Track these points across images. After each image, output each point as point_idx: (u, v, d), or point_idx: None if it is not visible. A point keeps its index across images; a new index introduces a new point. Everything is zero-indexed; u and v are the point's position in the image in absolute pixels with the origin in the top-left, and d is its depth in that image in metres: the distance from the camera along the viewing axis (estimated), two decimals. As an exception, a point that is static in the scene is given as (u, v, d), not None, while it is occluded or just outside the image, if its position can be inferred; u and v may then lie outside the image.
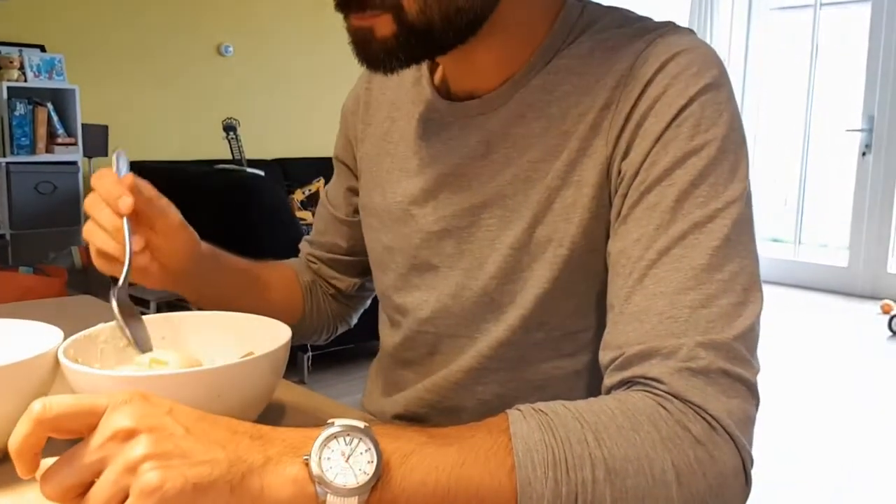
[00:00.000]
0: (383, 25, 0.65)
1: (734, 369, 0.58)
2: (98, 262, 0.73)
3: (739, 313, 0.60)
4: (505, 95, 0.73)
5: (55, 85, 3.87)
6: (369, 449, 0.48)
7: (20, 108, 3.71)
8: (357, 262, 0.97)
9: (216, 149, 4.46)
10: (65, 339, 0.64)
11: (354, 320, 1.04)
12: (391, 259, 0.83)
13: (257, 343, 0.66)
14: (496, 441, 0.52)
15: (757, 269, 0.64)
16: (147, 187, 0.74)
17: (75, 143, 3.90)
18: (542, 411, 0.54)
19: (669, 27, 0.70)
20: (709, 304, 0.59)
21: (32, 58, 3.82)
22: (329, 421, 0.49)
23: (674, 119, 0.64)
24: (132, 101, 4.39)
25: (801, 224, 5.36)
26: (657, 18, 0.71)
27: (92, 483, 0.45)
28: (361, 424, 0.49)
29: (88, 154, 4.00)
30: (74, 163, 3.90)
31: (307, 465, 0.47)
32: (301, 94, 4.99)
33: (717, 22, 5.03)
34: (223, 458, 0.46)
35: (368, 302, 1.04)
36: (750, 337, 0.61)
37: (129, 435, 0.45)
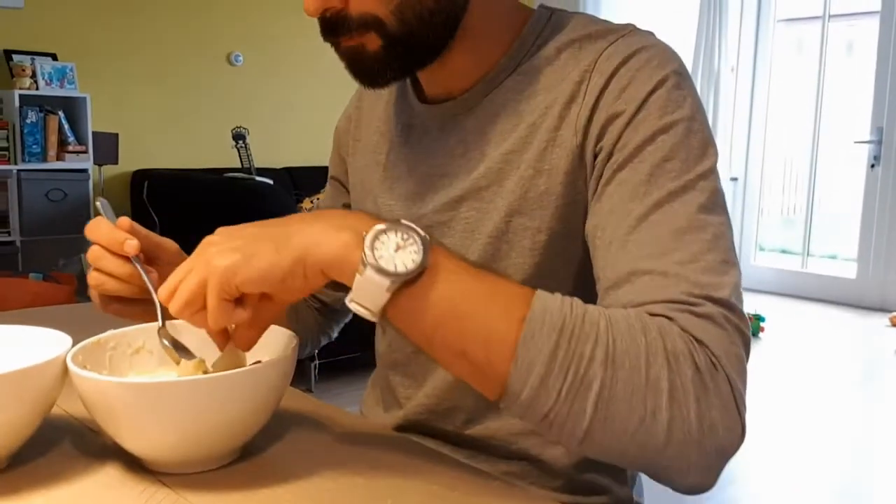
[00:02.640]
0: (371, 42, 0.70)
1: (733, 318, 0.59)
2: (112, 309, 0.74)
3: (726, 271, 0.61)
4: (478, 95, 0.77)
5: (66, 93, 3.90)
6: (419, 251, 0.56)
7: (32, 116, 3.74)
8: None
9: (225, 157, 4.48)
10: (74, 345, 0.64)
11: (336, 333, 1.05)
12: None
13: (265, 351, 0.66)
14: (522, 292, 0.58)
15: (733, 242, 0.65)
16: (139, 226, 0.75)
17: (86, 151, 3.92)
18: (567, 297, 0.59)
19: (631, 29, 0.73)
20: (696, 260, 0.61)
21: (44, 66, 3.85)
22: (397, 219, 0.58)
23: (643, 102, 0.67)
24: (142, 110, 4.41)
25: (810, 235, 5.34)
26: (666, 30, 0.73)
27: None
28: (422, 232, 0.57)
29: (99, 162, 4.02)
30: (85, 170, 3.92)
31: (363, 238, 0.56)
32: (310, 102, 5.01)
33: (725, 33, 5.02)
34: (278, 231, 0.59)
35: (351, 315, 1.05)
36: (739, 293, 0.62)
37: (207, 244, 0.59)
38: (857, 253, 4.90)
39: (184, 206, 3.85)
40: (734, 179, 5.32)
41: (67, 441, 0.67)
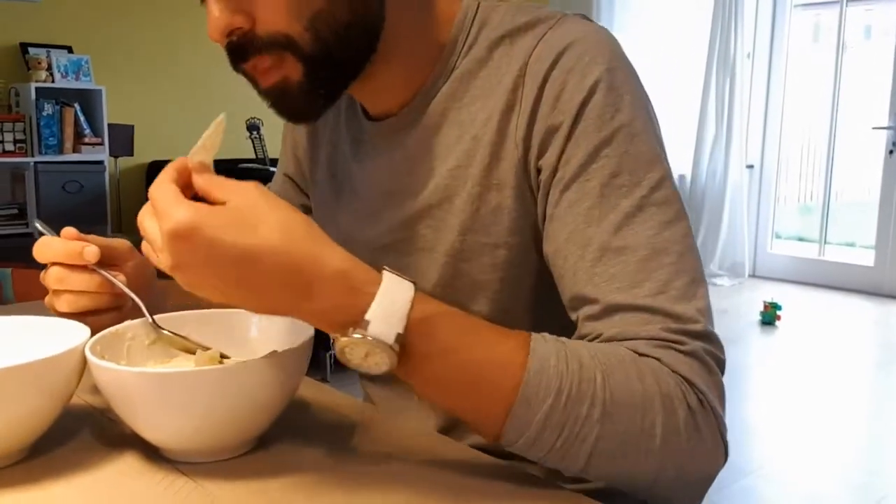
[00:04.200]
0: (290, 69, 0.66)
1: (711, 349, 0.61)
2: (88, 321, 0.68)
3: (695, 293, 0.62)
4: (419, 108, 0.74)
5: (82, 86, 3.92)
6: (385, 361, 0.54)
7: (48, 109, 3.76)
8: None
9: (240, 148, 4.48)
10: (91, 335, 0.65)
11: None
12: None
13: (280, 341, 0.66)
14: (515, 355, 0.56)
15: (695, 244, 0.65)
16: (84, 235, 0.72)
17: (101, 143, 3.95)
18: (562, 341, 0.58)
19: (559, 18, 0.70)
20: (666, 290, 0.61)
21: (60, 59, 3.87)
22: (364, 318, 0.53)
23: (578, 113, 0.65)
24: (157, 101, 4.43)
25: (827, 223, 5.30)
26: (682, 17, 0.71)
27: None
28: (390, 340, 0.53)
29: (114, 154, 4.05)
30: (101, 162, 3.95)
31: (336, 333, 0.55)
32: (324, 93, 5.01)
33: (741, 19, 4.97)
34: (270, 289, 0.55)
35: None
36: (709, 312, 0.63)
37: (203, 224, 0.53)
38: (874, 240, 4.86)
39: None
40: (750, 167, 5.28)
41: (87, 430, 0.68)
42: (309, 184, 0.90)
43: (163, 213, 0.53)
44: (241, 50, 0.66)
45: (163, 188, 0.55)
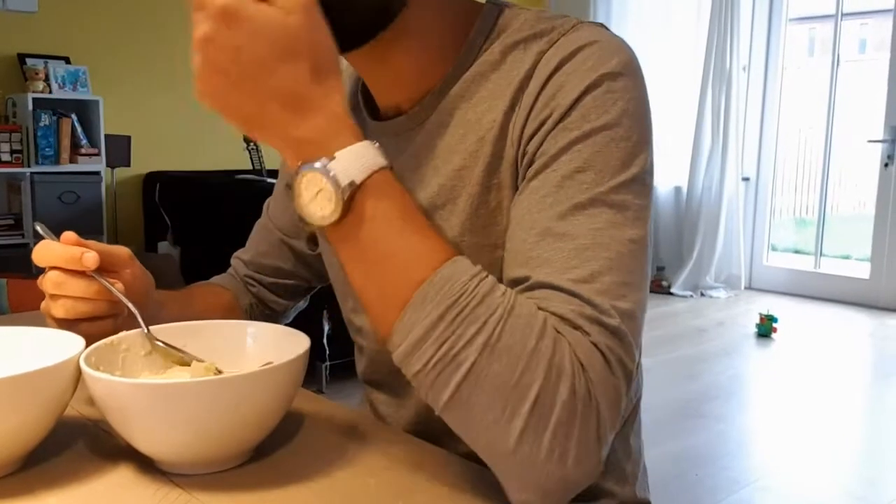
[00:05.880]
0: None
1: (618, 349, 0.58)
2: (80, 331, 0.68)
3: (623, 294, 0.60)
4: (428, 108, 0.74)
5: (79, 96, 3.92)
6: (330, 206, 0.56)
7: (45, 119, 3.76)
8: (296, 287, 0.98)
9: (237, 159, 4.49)
10: (86, 343, 0.64)
11: None
12: (349, 283, 0.82)
13: (276, 352, 0.66)
14: (436, 255, 0.58)
15: (645, 261, 0.63)
16: (84, 240, 0.72)
17: (98, 154, 3.94)
18: (490, 275, 0.59)
19: (576, 25, 0.69)
20: (593, 280, 0.59)
21: (57, 70, 3.88)
22: (333, 155, 0.57)
23: (568, 109, 0.64)
24: (154, 112, 4.43)
25: (823, 235, 5.31)
26: (676, 30, 0.71)
27: None
28: (344, 181, 0.56)
29: (111, 164, 4.04)
30: (98, 173, 3.94)
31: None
32: (321, 104, 5.02)
33: (737, 32, 5.00)
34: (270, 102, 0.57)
35: (290, 320, 1.04)
36: (634, 319, 0.60)
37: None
38: (870, 253, 4.87)
39: (195, 208, 3.87)
40: (746, 179, 5.29)
41: (81, 442, 0.67)
42: None
43: None
44: None
45: None
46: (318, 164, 0.56)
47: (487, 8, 0.74)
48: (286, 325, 1.00)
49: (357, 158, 0.57)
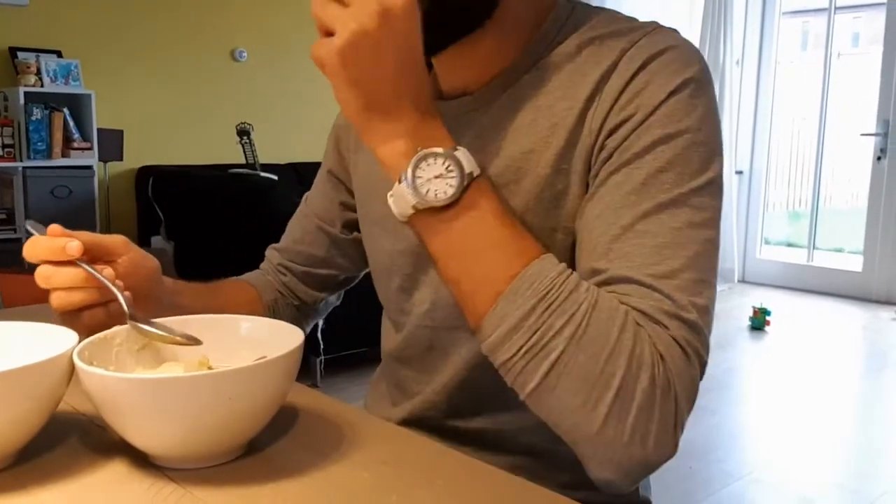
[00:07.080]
0: None
1: (695, 342, 0.62)
2: (82, 325, 0.69)
3: (700, 291, 0.63)
4: (496, 91, 0.76)
5: (71, 90, 3.91)
6: (454, 186, 0.62)
7: (37, 113, 3.75)
8: (329, 277, 0.98)
9: (230, 153, 4.48)
10: (79, 341, 0.64)
11: (307, 331, 1.04)
12: (397, 262, 0.84)
13: (270, 346, 0.66)
14: (528, 251, 0.63)
15: (717, 261, 0.67)
16: (71, 231, 0.72)
17: (91, 148, 3.93)
18: (571, 270, 0.63)
19: (655, 27, 0.72)
20: (673, 276, 0.63)
21: (49, 63, 3.86)
22: (455, 147, 0.63)
23: (653, 109, 0.67)
24: (147, 106, 4.42)
25: (816, 228, 5.33)
26: (671, 22, 0.73)
27: None
28: (468, 168, 0.62)
29: (104, 158, 4.03)
30: (90, 167, 3.93)
31: (415, 152, 0.62)
32: (314, 98, 5.01)
33: (730, 26, 5.00)
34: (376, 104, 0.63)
35: (322, 318, 1.05)
36: (708, 315, 0.64)
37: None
38: (863, 246, 4.89)
39: (188, 202, 3.86)
40: (739, 173, 5.31)
41: (74, 437, 0.67)
42: (352, 174, 0.92)
43: None
44: None
45: None
46: (443, 150, 0.62)
47: (562, 3, 0.77)
48: (310, 328, 1.01)
49: (467, 156, 0.63)
